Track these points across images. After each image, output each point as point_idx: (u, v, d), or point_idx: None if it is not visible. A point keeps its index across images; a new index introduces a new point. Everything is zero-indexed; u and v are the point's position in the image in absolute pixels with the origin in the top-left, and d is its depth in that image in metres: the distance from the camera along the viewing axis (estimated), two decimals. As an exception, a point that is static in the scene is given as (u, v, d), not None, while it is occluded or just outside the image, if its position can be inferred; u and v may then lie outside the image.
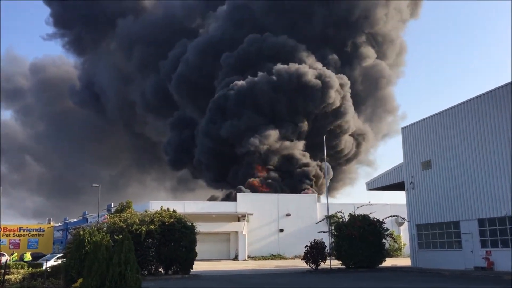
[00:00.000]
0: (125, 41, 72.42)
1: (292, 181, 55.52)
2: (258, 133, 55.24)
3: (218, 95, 59.33)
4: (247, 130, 55.85)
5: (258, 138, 54.49)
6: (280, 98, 57.26)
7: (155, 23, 70.52)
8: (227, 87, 58.86)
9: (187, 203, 46.36)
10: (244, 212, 45.68)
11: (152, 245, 25.27)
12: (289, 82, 56.57)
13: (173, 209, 27.40)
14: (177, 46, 67.52)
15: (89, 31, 79.97)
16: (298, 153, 57.39)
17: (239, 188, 51.99)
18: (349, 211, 31.15)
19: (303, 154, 57.81)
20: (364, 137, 64.80)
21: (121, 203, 30.45)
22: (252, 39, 61.09)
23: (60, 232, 68.15)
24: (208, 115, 59.44)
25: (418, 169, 31.47)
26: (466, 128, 27.86)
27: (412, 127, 32.43)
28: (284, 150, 56.66)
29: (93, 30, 79.60)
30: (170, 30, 68.99)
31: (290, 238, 46.29)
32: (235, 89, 57.27)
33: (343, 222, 30.16)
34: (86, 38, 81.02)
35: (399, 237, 46.15)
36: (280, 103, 57.73)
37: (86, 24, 78.61)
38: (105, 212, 49.47)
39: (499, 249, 25.26)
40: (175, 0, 76.61)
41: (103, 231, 22.20)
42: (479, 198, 26.65)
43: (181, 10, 73.19)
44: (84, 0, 74.83)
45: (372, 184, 36.69)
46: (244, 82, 57.69)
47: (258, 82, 57.30)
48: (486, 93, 26.74)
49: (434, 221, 29.93)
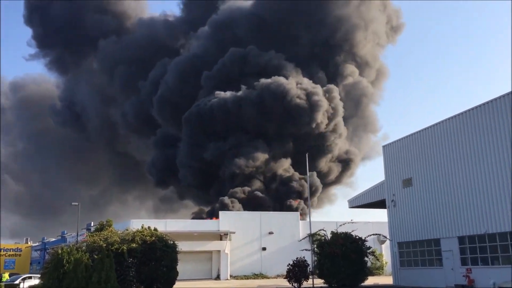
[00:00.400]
0: (107, 62, 72.28)
1: (278, 197, 55.52)
2: (243, 153, 54.88)
3: (191, 111, 58.16)
4: (231, 148, 55.66)
5: (243, 160, 53.94)
6: (265, 114, 56.92)
7: (136, 43, 70.40)
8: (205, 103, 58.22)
9: (168, 221, 45.83)
10: (227, 230, 45.32)
11: (133, 264, 24.85)
12: (274, 99, 56.08)
13: (154, 228, 27.09)
14: (157, 66, 67.33)
15: (71, 51, 79.83)
16: (282, 170, 57.31)
17: (221, 200, 51.76)
18: (332, 229, 31.15)
19: (288, 171, 57.69)
20: (351, 162, 64.52)
21: (101, 222, 29.97)
22: (234, 53, 60.65)
23: (38, 252, 66.74)
24: (188, 135, 58.70)
25: (399, 187, 31.75)
26: (446, 146, 28.28)
27: (393, 145, 32.80)
28: (270, 170, 56.57)
29: (75, 51, 79.45)
30: (152, 50, 68.92)
31: (272, 257, 45.99)
32: (216, 105, 56.59)
33: (326, 240, 30.12)
34: (67, 58, 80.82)
35: (381, 255, 46.16)
36: (265, 119, 57.41)
37: (68, 45, 78.46)
38: (84, 231, 48.62)
39: (479, 267, 25.49)
40: (158, 20, 76.94)
41: (82, 250, 21.80)
42: (459, 215, 26.95)
43: (163, 30, 73.37)
44: (66, 20, 74.70)
45: (354, 202, 36.88)
46: (228, 95, 57.27)
47: (243, 97, 56.99)
48: (465, 111, 27.25)
49: (415, 239, 30.10)
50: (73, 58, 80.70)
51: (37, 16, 78.20)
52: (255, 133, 58.10)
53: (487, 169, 25.47)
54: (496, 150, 25.07)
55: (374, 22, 65.52)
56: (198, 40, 67.95)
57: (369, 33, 65.49)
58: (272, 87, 56.70)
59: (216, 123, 57.08)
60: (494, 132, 25.28)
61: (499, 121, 25.04)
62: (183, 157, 59.55)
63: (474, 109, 26.64)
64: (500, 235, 24.47)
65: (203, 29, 67.31)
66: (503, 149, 24.71)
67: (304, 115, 56.41)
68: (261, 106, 56.59)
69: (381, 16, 67.32)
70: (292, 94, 56.53)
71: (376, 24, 65.89)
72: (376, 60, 70.15)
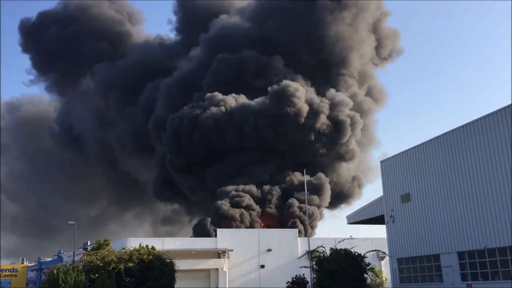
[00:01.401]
0: (102, 87, 73.09)
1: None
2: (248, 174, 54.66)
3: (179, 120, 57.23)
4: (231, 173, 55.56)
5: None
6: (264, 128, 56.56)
7: (130, 68, 70.91)
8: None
9: (166, 239, 45.44)
10: (224, 248, 44.97)
11: (130, 283, 24.59)
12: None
13: (151, 246, 26.88)
14: (147, 89, 67.42)
15: (68, 75, 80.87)
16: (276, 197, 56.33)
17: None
18: (330, 246, 30.96)
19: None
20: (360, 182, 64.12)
21: (98, 241, 29.75)
22: (224, 58, 60.33)
23: (34, 272, 65.96)
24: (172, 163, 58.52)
25: (398, 202, 31.67)
26: (443, 161, 28.30)
27: (391, 160, 32.80)
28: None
29: (71, 75, 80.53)
30: (146, 74, 69.30)
31: (271, 274, 45.55)
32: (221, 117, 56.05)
33: (325, 257, 29.93)
34: (65, 81, 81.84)
35: (380, 272, 45.87)
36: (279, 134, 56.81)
37: (64, 69, 79.48)
38: (81, 250, 48.17)
39: (480, 282, 25.31)
40: (152, 43, 77.44)
41: (79, 270, 21.58)
42: (458, 230, 26.85)
43: (157, 53, 73.70)
44: (60, 46, 75.55)
45: (353, 217, 36.75)
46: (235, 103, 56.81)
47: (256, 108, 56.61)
48: (462, 126, 27.35)
49: (415, 255, 29.93)
50: (70, 81, 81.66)
51: (32, 43, 79.30)
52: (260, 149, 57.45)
53: (486, 184, 25.45)
54: (495, 165, 25.09)
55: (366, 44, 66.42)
56: (189, 61, 68.38)
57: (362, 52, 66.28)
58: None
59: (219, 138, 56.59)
60: (492, 147, 25.33)
61: (497, 135, 25.12)
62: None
63: (471, 123, 26.74)
64: (499, 250, 24.36)
65: (196, 51, 68.07)
66: (501, 163, 24.73)
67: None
68: (277, 119, 55.86)
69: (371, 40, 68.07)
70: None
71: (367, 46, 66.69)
72: (372, 78, 70.71)
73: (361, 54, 66.02)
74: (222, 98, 57.95)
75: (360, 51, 65.71)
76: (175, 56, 72.81)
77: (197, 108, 57.68)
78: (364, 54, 66.87)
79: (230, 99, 58.25)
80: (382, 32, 70.02)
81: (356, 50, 64.98)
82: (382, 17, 70.09)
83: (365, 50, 66.61)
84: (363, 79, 68.55)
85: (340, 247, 30.14)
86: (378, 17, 69.21)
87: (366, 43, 65.98)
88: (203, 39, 66.69)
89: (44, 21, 77.59)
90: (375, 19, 68.26)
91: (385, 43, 70.13)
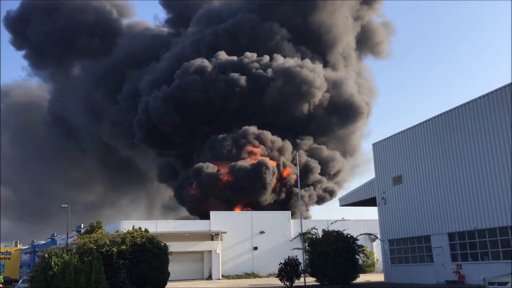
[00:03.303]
0: (91, 80, 72.97)
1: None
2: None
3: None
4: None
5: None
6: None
7: (118, 61, 70.42)
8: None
9: (159, 222, 45.65)
10: (218, 230, 45.23)
11: (123, 266, 24.68)
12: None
13: (145, 229, 26.94)
14: (128, 81, 66.94)
15: (59, 67, 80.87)
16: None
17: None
18: (323, 228, 31.20)
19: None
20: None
21: (91, 224, 29.79)
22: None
23: (28, 255, 66.12)
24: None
25: (389, 185, 31.88)
26: (435, 144, 28.43)
27: (383, 143, 32.91)
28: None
29: (61, 66, 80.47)
30: (133, 66, 68.92)
31: (264, 256, 45.98)
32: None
33: (317, 239, 30.17)
34: (55, 72, 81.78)
35: (372, 253, 46.37)
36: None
37: (55, 61, 79.45)
38: (74, 233, 48.24)
39: (470, 263, 25.66)
40: (140, 35, 76.83)
41: (72, 253, 21.60)
42: (449, 212, 27.11)
43: (146, 42, 73.09)
44: (48, 38, 74.97)
45: (345, 200, 36.97)
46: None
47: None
48: (453, 109, 27.42)
49: (406, 236, 30.25)
50: (60, 72, 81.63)
51: (19, 36, 79.23)
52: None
53: (476, 166, 25.64)
54: (485, 147, 25.24)
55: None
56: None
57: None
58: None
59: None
60: (482, 130, 25.45)
61: (487, 119, 25.22)
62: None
63: (462, 106, 26.82)
64: (489, 231, 24.66)
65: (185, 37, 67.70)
66: (491, 146, 24.89)
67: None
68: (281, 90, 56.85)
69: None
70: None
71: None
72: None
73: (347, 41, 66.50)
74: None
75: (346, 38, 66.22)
76: (164, 46, 72.11)
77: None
78: (350, 42, 67.29)
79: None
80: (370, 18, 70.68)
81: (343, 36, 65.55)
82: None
83: (350, 38, 67.06)
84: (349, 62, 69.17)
85: (332, 229, 30.40)
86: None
87: (350, 30, 66.43)
88: (194, 20, 66.43)
89: (28, 13, 76.61)
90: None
91: (373, 32, 70.49)
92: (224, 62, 59.26)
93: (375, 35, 70.40)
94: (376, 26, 71.08)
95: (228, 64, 59.03)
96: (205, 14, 66.82)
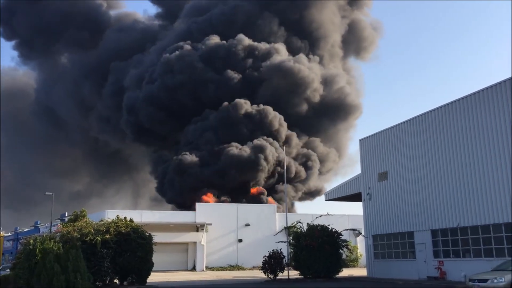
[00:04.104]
0: (77, 73, 72.60)
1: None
2: None
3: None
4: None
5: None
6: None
7: (104, 53, 69.84)
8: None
9: (144, 212, 45.56)
10: (203, 222, 45.24)
11: (107, 255, 24.57)
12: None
13: (130, 219, 26.82)
14: (113, 73, 66.43)
15: (45, 56, 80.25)
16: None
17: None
18: (308, 222, 31.38)
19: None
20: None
21: (75, 212, 29.55)
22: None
23: (10, 242, 65.49)
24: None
25: (375, 180, 32.10)
26: (420, 141, 28.67)
27: (370, 139, 33.10)
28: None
29: (48, 54, 79.98)
30: (120, 59, 68.43)
31: (249, 249, 46.14)
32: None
33: (302, 233, 30.33)
34: (43, 61, 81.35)
35: (355, 248, 46.76)
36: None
37: (43, 51, 78.79)
38: (58, 221, 47.89)
39: (451, 259, 26.00)
40: (127, 28, 76.30)
41: (56, 241, 21.44)
42: (432, 209, 27.40)
43: (137, 34, 72.54)
44: (35, 28, 74.10)
45: (331, 194, 37.16)
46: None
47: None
48: (438, 107, 27.63)
49: (390, 232, 30.53)
50: (48, 62, 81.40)
51: (9, 30, 78.89)
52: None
53: (460, 165, 25.91)
54: (469, 147, 25.50)
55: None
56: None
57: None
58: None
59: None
60: (466, 129, 25.70)
61: (471, 117, 25.46)
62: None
63: (448, 105, 27.03)
64: (471, 228, 24.98)
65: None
66: (475, 145, 25.15)
67: None
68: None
69: None
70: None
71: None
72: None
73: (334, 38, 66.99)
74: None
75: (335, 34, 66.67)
76: (152, 40, 71.59)
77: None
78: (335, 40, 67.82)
79: None
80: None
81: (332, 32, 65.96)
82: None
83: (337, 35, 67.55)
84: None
85: (317, 223, 30.58)
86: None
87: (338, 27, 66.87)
88: (181, 14, 66.20)
89: (15, 3, 75.66)
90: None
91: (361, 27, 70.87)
92: (214, 47, 58.67)
93: (363, 37, 70.80)
94: (364, 26, 71.30)
95: (217, 50, 58.41)
96: (193, 7, 66.51)
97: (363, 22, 71.31)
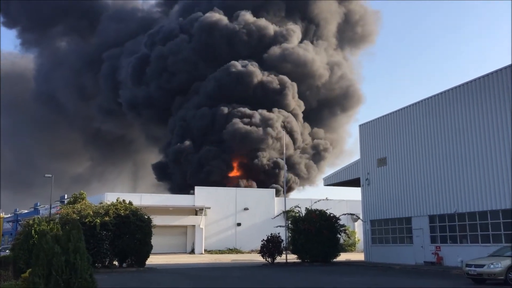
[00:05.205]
0: (76, 62, 72.74)
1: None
2: None
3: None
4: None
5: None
6: None
7: (104, 41, 69.48)
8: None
9: (143, 195, 45.71)
10: (202, 205, 45.44)
11: (107, 237, 24.73)
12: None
13: (129, 201, 26.92)
14: (107, 59, 66.19)
15: (46, 41, 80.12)
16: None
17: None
18: (306, 206, 31.50)
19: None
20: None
21: (74, 194, 29.66)
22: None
23: (10, 224, 65.89)
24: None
25: (374, 166, 32.14)
26: (419, 127, 28.64)
27: (370, 125, 33.05)
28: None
29: (48, 39, 79.84)
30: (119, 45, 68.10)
31: (247, 232, 46.42)
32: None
33: (300, 217, 30.47)
34: (44, 45, 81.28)
35: (353, 233, 47.05)
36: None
37: (43, 36, 79.04)
38: (58, 203, 48.10)
39: (448, 245, 26.16)
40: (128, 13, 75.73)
41: (55, 223, 21.54)
42: (430, 195, 27.49)
43: (135, 24, 72.01)
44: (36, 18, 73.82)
45: (329, 179, 37.22)
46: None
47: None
48: (438, 94, 27.55)
49: (387, 217, 30.67)
50: (48, 48, 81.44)
51: (10, 19, 78.73)
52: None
53: (458, 151, 25.92)
54: (466, 132, 25.49)
55: None
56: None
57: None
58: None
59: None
60: (465, 115, 25.66)
61: (470, 104, 25.40)
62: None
63: (447, 91, 26.94)
64: (469, 214, 25.09)
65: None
66: (473, 131, 25.13)
67: None
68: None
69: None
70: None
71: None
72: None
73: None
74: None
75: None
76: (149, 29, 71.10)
77: None
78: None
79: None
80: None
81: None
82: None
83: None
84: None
85: (316, 208, 30.71)
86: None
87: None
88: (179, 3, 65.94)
89: None
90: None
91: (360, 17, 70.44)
92: (214, 22, 58.53)
93: (363, 25, 70.44)
94: (364, 14, 70.86)
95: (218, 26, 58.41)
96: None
97: (362, 8, 70.93)
